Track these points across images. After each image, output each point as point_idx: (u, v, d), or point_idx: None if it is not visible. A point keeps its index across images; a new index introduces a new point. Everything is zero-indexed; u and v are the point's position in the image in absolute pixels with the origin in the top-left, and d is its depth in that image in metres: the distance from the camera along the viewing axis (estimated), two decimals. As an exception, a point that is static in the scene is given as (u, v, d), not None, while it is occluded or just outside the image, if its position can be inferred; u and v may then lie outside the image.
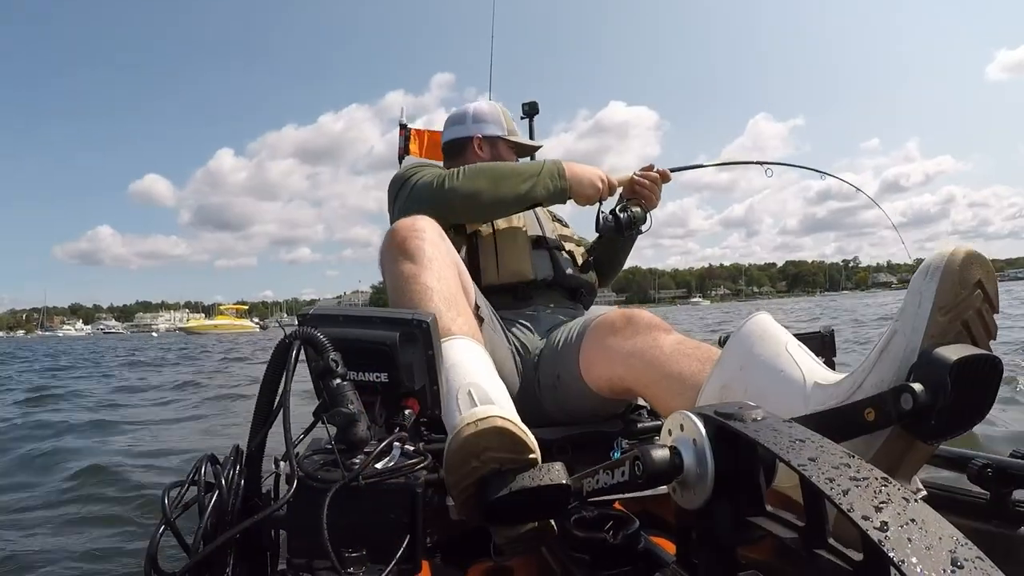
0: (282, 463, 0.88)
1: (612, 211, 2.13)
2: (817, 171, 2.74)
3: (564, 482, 1.00)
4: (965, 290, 0.95)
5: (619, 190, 2.17)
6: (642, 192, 2.16)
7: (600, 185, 2.02)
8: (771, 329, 1.23)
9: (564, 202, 2.05)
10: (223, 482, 0.91)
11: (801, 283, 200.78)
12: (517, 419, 1.11)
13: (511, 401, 1.21)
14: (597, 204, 2.09)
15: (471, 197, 1.86)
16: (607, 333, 1.60)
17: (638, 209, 2.15)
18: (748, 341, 1.22)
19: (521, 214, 2.12)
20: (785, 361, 1.16)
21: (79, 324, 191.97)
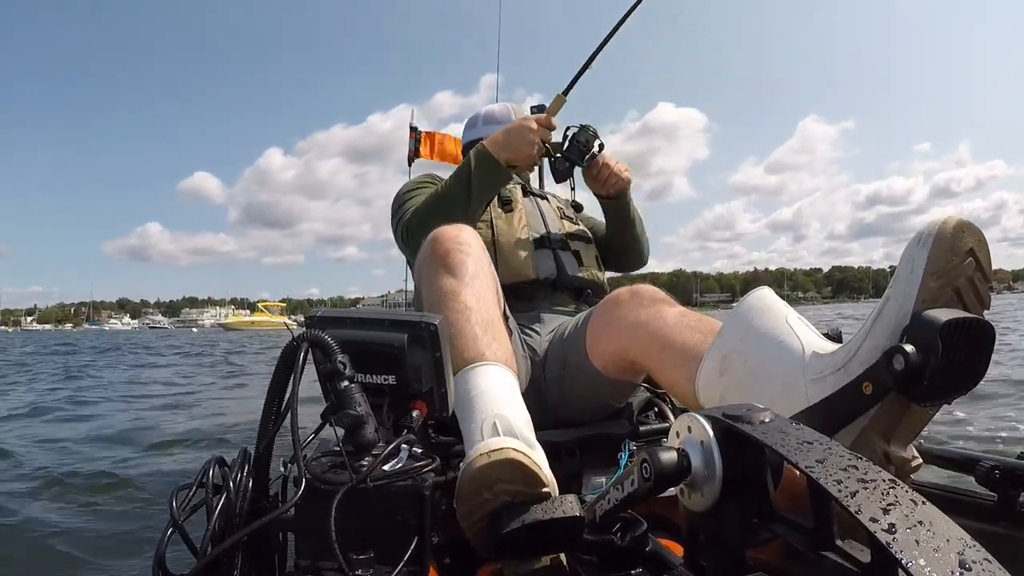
0: (290, 465, 0.89)
1: (559, 153, 2.07)
2: None
3: (578, 514, 1.00)
4: (957, 257, 0.97)
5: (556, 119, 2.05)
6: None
7: (532, 136, 1.94)
8: (772, 302, 1.24)
9: (511, 178, 2.00)
10: (231, 484, 0.91)
11: (847, 289, 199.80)
12: (536, 454, 1.11)
13: (534, 434, 1.20)
14: (547, 151, 2.03)
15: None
16: (613, 307, 1.59)
17: (577, 131, 2.07)
18: (749, 314, 1.23)
19: (523, 213, 2.12)
20: (784, 332, 1.17)
21: (126, 318, 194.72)
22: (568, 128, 2.10)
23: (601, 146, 2.12)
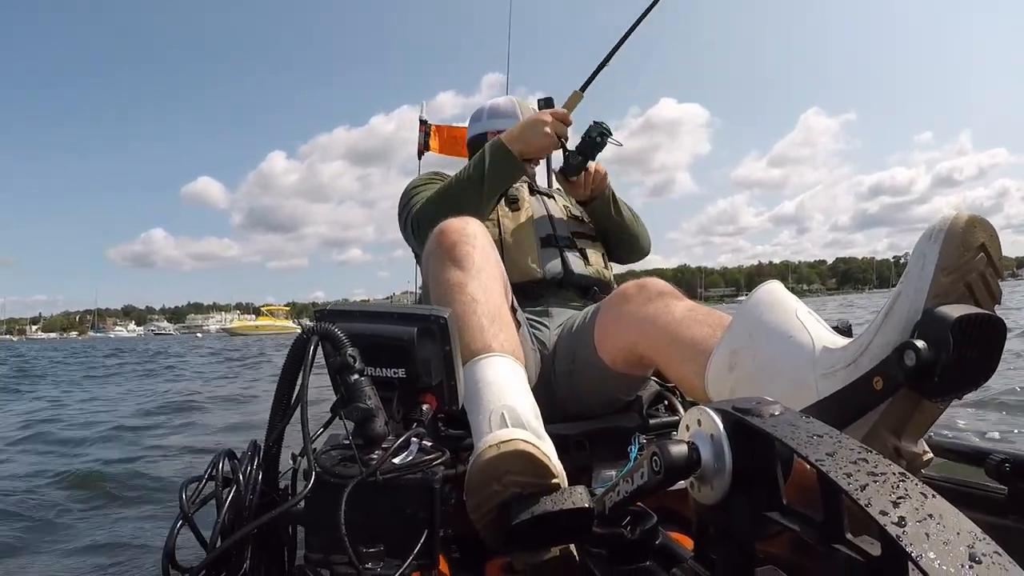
0: (300, 458, 0.89)
1: (574, 148, 2.06)
2: None
3: (587, 505, 1.00)
4: (968, 252, 0.96)
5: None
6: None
7: (548, 129, 1.92)
8: (781, 296, 1.24)
9: (526, 171, 1.98)
10: (241, 477, 0.91)
11: (851, 280, 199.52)
12: (544, 444, 1.11)
13: (542, 425, 1.21)
14: (562, 146, 2.01)
15: None
16: (621, 302, 1.59)
17: (591, 127, 2.05)
18: (758, 308, 1.23)
19: (531, 212, 2.11)
20: (794, 326, 1.17)
21: (131, 326, 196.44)
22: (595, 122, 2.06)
23: (615, 141, 2.09)
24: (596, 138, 2.05)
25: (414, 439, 0.93)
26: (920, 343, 0.92)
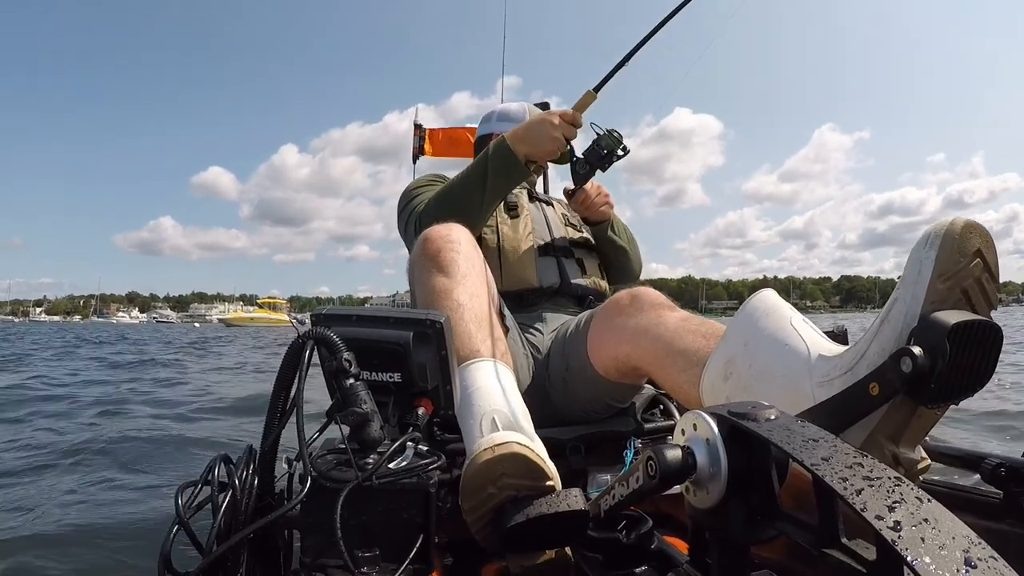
0: (295, 463, 0.89)
1: (581, 155, 2.00)
2: None
3: (582, 508, 1.00)
4: (964, 259, 0.96)
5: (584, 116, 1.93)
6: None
7: (555, 132, 1.82)
8: (776, 304, 1.23)
9: (535, 172, 1.95)
10: (236, 482, 0.91)
11: (855, 299, 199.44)
12: (538, 446, 1.11)
13: (533, 428, 1.21)
14: (570, 149, 1.96)
15: None
16: (614, 313, 1.58)
17: (603, 135, 1.96)
18: (753, 316, 1.22)
19: (529, 221, 2.10)
20: (789, 335, 1.16)
21: (134, 312, 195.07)
22: (592, 124, 1.98)
23: (625, 151, 2.01)
24: (603, 151, 1.97)
25: (410, 443, 0.93)
26: (917, 350, 0.92)
